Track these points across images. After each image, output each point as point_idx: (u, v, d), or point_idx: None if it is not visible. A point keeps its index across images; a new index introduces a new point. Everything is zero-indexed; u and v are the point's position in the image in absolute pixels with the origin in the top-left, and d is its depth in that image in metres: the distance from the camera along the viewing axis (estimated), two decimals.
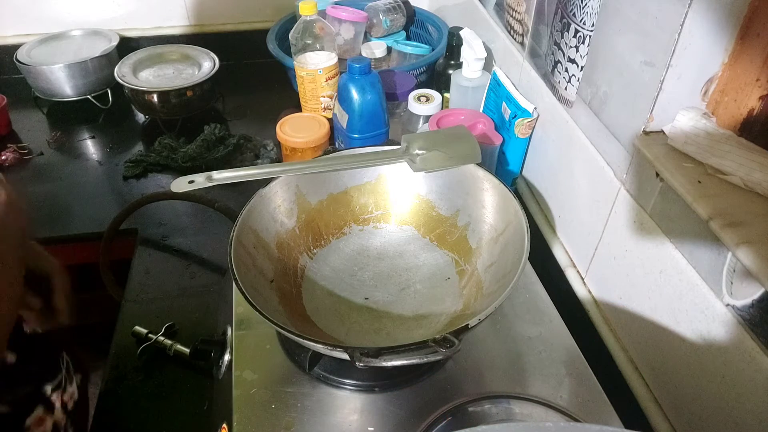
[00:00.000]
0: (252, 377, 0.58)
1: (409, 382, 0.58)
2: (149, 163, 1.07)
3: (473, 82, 0.90)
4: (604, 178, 0.64)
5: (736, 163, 0.49)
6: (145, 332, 0.75)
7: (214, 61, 1.21)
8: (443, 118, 0.86)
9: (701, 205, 0.48)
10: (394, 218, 0.73)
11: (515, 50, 0.86)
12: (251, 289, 0.54)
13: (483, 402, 0.56)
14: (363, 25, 1.20)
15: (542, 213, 0.83)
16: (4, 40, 1.31)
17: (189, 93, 1.14)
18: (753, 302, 0.45)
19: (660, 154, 0.54)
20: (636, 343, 0.63)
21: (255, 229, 0.62)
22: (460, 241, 0.68)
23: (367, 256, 0.70)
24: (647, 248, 0.58)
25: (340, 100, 0.90)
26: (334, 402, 0.57)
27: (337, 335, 0.60)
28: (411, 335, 0.60)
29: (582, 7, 0.65)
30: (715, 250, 0.48)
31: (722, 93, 0.52)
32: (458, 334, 0.47)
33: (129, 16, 1.35)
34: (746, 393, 0.47)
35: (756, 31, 0.48)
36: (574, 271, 0.74)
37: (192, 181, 0.55)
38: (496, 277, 0.60)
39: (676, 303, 0.54)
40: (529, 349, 0.62)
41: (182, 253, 0.90)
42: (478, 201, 0.66)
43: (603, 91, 0.63)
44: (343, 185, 0.71)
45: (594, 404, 0.57)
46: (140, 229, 0.93)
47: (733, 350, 0.48)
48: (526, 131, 0.81)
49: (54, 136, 1.17)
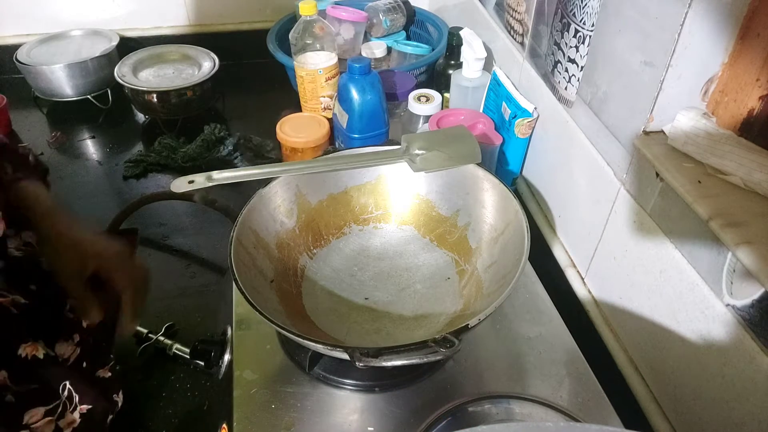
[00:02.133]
0: (252, 377, 0.58)
1: (409, 382, 0.58)
2: (149, 163, 1.07)
3: (473, 82, 0.90)
4: (604, 178, 0.64)
5: (736, 163, 0.49)
6: (145, 332, 0.75)
7: (214, 61, 1.21)
8: (443, 118, 0.86)
9: (701, 205, 0.48)
10: (394, 218, 0.73)
11: (515, 50, 0.86)
12: (251, 289, 0.54)
13: (483, 402, 0.56)
14: (363, 25, 1.20)
15: (542, 213, 0.83)
16: (4, 40, 1.31)
17: (189, 93, 1.14)
18: (753, 302, 0.45)
19: (660, 154, 0.54)
20: (636, 343, 0.63)
21: (255, 229, 0.62)
22: (460, 241, 0.68)
23: (367, 256, 0.70)
24: (647, 248, 0.58)
25: (340, 100, 0.90)
26: (334, 402, 0.57)
27: (337, 335, 0.60)
28: (411, 335, 0.60)
29: (582, 7, 0.65)
30: (715, 250, 0.48)
31: (722, 93, 0.52)
32: (458, 334, 0.47)
33: (129, 16, 1.35)
34: (746, 393, 0.47)
35: (756, 31, 0.48)
36: (574, 271, 0.74)
37: (192, 181, 0.55)
38: (496, 277, 0.60)
39: (676, 303, 0.54)
40: (529, 349, 0.62)
41: (182, 253, 0.90)
42: (478, 201, 0.66)
43: (603, 91, 0.63)
44: (343, 185, 0.71)
45: (594, 404, 0.57)
46: (140, 229, 0.93)
47: (733, 350, 0.48)
48: (526, 131, 0.81)
49: (54, 136, 1.17)
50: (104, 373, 0.67)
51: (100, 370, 0.67)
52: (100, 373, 0.67)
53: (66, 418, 0.61)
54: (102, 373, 0.67)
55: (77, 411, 0.62)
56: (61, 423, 0.60)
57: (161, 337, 0.74)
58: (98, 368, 0.67)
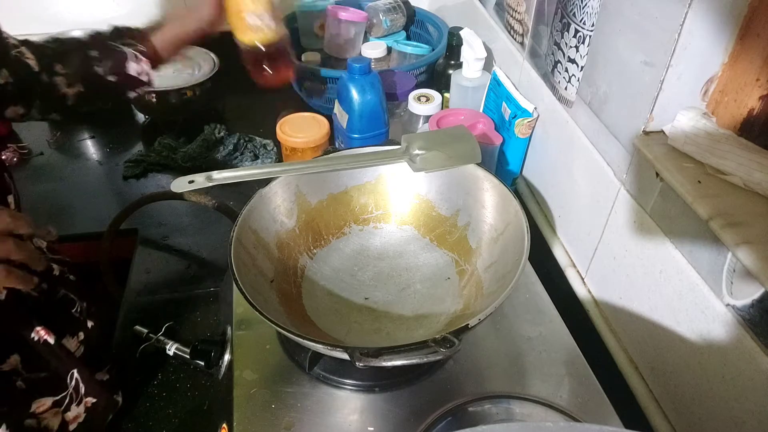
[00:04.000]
0: (252, 377, 0.58)
1: (409, 382, 0.58)
2: (149, 163, 1.07)
3: (473, 82, 0.90)
4: (604, 178, 0.64)
5: (736, 163, 0.49)
6: (145, 332, 0.75)
7: (214, 61, 1.21)
8: (443, 118, 0.86)
9: (701, 205, 0.48)
10: (394, 218, 0.73)
11: (515, 50, 0.86)
12: (251, 289, 0.54)
13: (483, 402, 0.56)
14: (363, 25, 1.20)
15: (542, 213, 0.83)
16: None
17: (189, 93, 1.14)
18: (753, 302, 0.45)
19: (660, 154, 0.54)
20: (636, 343, 0.63)
21: (255, 229, 0.62)
22: (460, 241, 0.68)
23: (367, 256, 0.70)
24: (647, 248, 0.58)
25: (340, 100, 0.90)
26: (334, 402, 0.57)
27: (337, 335, 0.60)
28: (411, 335, 0.60)
29: (582, 7, 0.65)
30: (715, 250, 0.48)
31: (722, 93, 0.52)
32: (458, 334, 0.47)
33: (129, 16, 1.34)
34: (746, 393, 0.47)
35: (756, 31, 0.48)
36: (574, 271, 0.74)
37: (192, 181, 0.55)
38: (496, 277, 0.60)
39: (676, 303, 0.54)
40: (529, 349, 0.62)
41: (182, 253, 0.90)
42: (478, 201, 0.66)
43: (603, 91, 0.63)
44: (343, 185, 0.71)
45: (594, 404, 0.57)
46: (140, 229, 0.93)
47: (733, 350, 0.48)
48: (526, 131, 0.81)
49: (54, 136, 1.17)
50: (102, 376, 0.68)
51: (98, 373, 0.67)
52: (99, 375, 0.67)
53: (72, 411, 0.62)
54: (100, 376, 0.67)
55: (83, 404, 0.63)
56: (67, 416, 0.61)
57: (161, 337, 0.74)
58: (97, 371, 0.67)
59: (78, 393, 0.63)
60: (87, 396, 0.64)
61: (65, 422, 0.61)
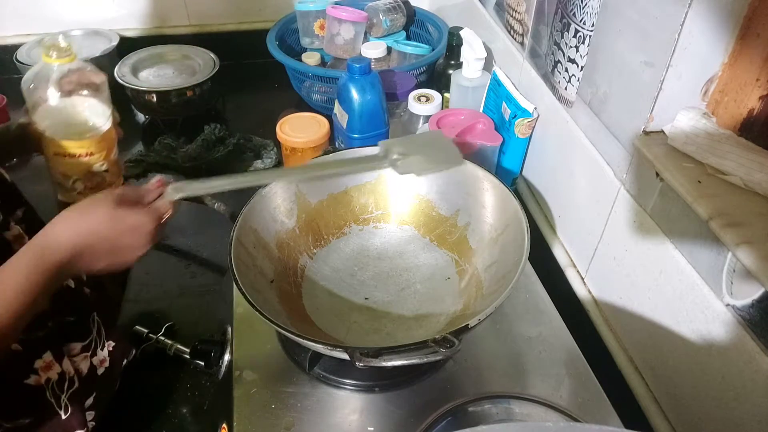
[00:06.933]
0: (252, 377, 0.58)
1: (409, 382, 0.58)
2: (149, 163, 1.06)
3: (473, 82, 0.90)
4: (604, 178, 0.64)
5: (736, 163, 0.49)
6: (145, 332, 0.75)
7: (214, 61, 1.21)
8: (443, 118, 0.85)
9: (701, 205, 0.48)
10: (394, 218, 0.73)
11: (515, 50, 0.86)
12: (251, 289, 0.54)
13: (483, 402, 0.56)
14: (363, 25, 1.20)
15: (542, 213, 0.83)
16: (4, 40, 1.31)
17: (189, 93, 1.14)
18: (753, 302, 0.45)
19: (660, 154, 0.54)
20: (636, 343, 0.63)
21: (255, 229, 0.62)
22: (460, 241, 0.68)
23: (367, 256, 0.70)
24: (647, 248, 0.58)
25: (340, 100, 0.90)
26: (334, 402, 0.57)
27: (337, 335, 0.60)
28: (411, 335, 0.60)
29: (582, 7, 0.65)
30: (715, 250, 0.48)
31: (722, 93, 0.52)
32: (458, 334, 0.47)
33: (129, 16, 1.35)
34: (746, 393, 0.47)
35: (756, 31, 0.48)
36: (574, 271, 0.74)
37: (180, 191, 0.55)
38: (496, 277, 0.60)
39: (676, 303, 0.54)
40: (529, 349, 0.62)
41: (182, 253, 0.90)
42: (478, 201, 0.66)
43: (603, 91, 0.63)
44: (343, 185, 0.71)
45: (594, 404, 0.57)
46: None
47: (733, 350, 0.48)
48: (526, 131, 0.81)
49: None
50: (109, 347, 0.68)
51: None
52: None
53: (98, 355, 0.63)
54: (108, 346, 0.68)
55: (106, 348, 0.65)
56: (94, 360, 0.63)
57: (161, 337, 0.74)
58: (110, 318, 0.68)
59: (101, 337, 0.64)
60: (108, 339, 0.65)
61: (93, 366, 0.62)
